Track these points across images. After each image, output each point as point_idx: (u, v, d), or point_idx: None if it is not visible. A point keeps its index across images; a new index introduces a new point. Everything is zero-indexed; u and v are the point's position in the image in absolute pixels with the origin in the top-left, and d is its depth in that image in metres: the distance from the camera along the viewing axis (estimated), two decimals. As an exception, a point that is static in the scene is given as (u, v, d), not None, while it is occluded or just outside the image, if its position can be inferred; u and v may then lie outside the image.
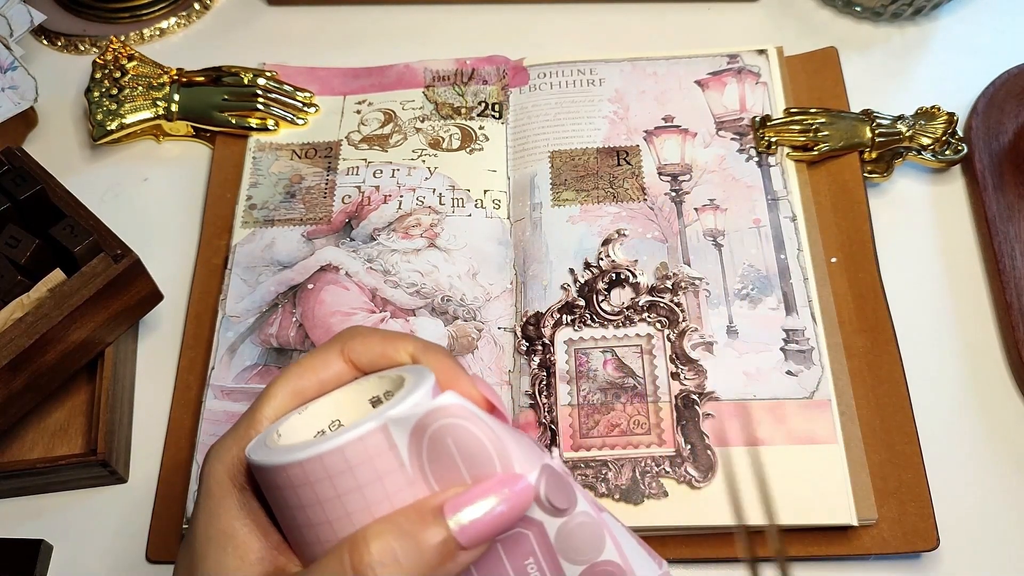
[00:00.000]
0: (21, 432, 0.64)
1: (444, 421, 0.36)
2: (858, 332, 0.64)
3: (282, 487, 0.37)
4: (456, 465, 0.37)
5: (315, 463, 0.36)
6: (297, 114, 0.76)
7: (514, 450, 0.37)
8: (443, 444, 0.37)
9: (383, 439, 0.36)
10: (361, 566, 0.35)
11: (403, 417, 0.36)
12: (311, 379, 0.42)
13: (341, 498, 0.36)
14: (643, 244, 0.67)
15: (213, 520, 0.39)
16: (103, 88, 0.75)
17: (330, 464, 0.36)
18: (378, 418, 0.36)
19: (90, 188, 0.74)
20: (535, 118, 0.75)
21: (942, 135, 0.71)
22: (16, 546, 0.60)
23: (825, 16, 0.82)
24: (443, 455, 0.37)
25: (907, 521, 0.58)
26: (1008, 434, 0.63)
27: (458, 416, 0.37)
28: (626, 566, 0.40)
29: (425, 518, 0.36)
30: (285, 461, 0.37)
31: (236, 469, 0.40)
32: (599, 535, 0.39)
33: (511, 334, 0.65)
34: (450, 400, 0.37)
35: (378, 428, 0.36)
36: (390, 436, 0.36)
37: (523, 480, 0.37)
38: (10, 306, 0.57)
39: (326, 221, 0.71)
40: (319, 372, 0.42)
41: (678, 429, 0.60)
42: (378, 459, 0.36)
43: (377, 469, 0.36)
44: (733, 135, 0.72)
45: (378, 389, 0.42)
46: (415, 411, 0.36)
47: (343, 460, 0.36)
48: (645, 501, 0.58)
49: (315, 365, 0.42)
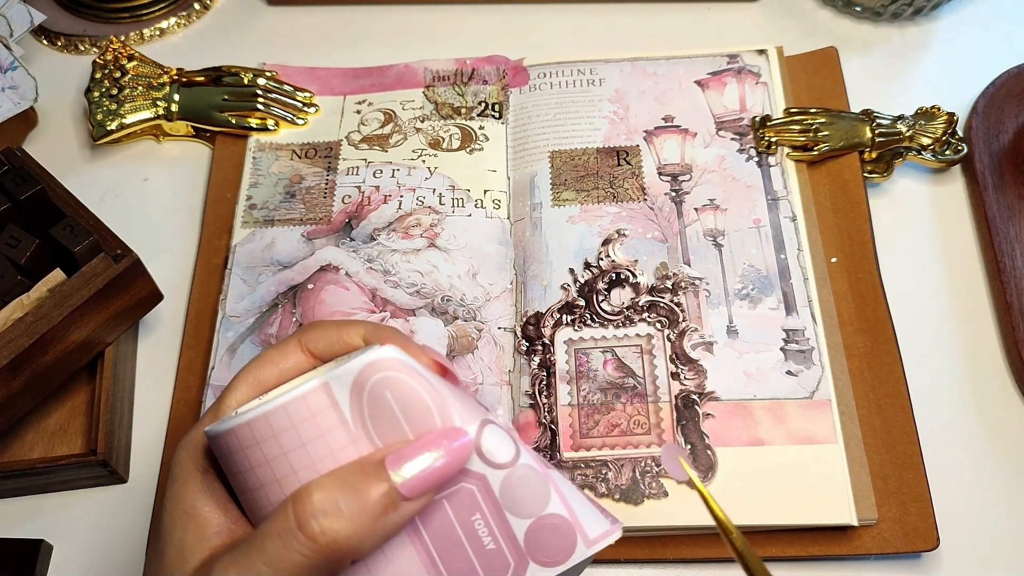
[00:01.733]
0: (21, 432, 0.64)
1: (381, 374, 0.38)
2: (858, 332, 0.64)
3: (234, 451, 0.39)
4: (396, 419, 0.38)
5: (260, 422, 0.38)
6: (297, 114, 0.76)
7: (454, 404, 0.39)
8: (383, 398, 0.38)
9: (324, 396, 0.38)
10: (304, 515, 0.36)
11: (342, 373, 0.38)
12: (271, 370, 0.44)
13: (287, 455, 0.38)
14: (643, 244, 0.67)
15: (176, 502, 0.41)
16: (103, 88, 0.75)
17: (275, 422, 0.38)
18: (319, 377, 0.38)
19: (90, 188, 0.74)
20: (535, 118, 0.75)
21: (942, 135, 0.71)
22: (16, 546, 0.60)
23: (825, 16, 0.82)
24: (383, 410, 0.38)
25: (907, 521, 0.58)
26: (1008, 434, 0.63)
27: (394, 369, 0.38)
28: (573, 519, 0.41)
29: (367, 471, 0.37)
30: (233, 424, 0.38)
31: (198, 452, 0.42)
32: (544, 488, 0.40)
33: (511, 334, 0.65)
34: (386, 353, 0.38)
35: (319, 386, 0.38)
36: (331, 393, 0.38)
37: (463, 433, 0.38)
38: (10, 306, 0.57)
39: (326, 221, 0.71)
40: (279, 363, 0.44)
41: (678, 429, 0.60)
42: (320, 416, 0.38)
43: (320, 426, 0.38)
44: (733, 135, 0.72)
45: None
46: (353, 367, 0.38)
47: (286, 417, 0.38)
48: (645, 501, 0.58)
49: (274, 357, 0.44)
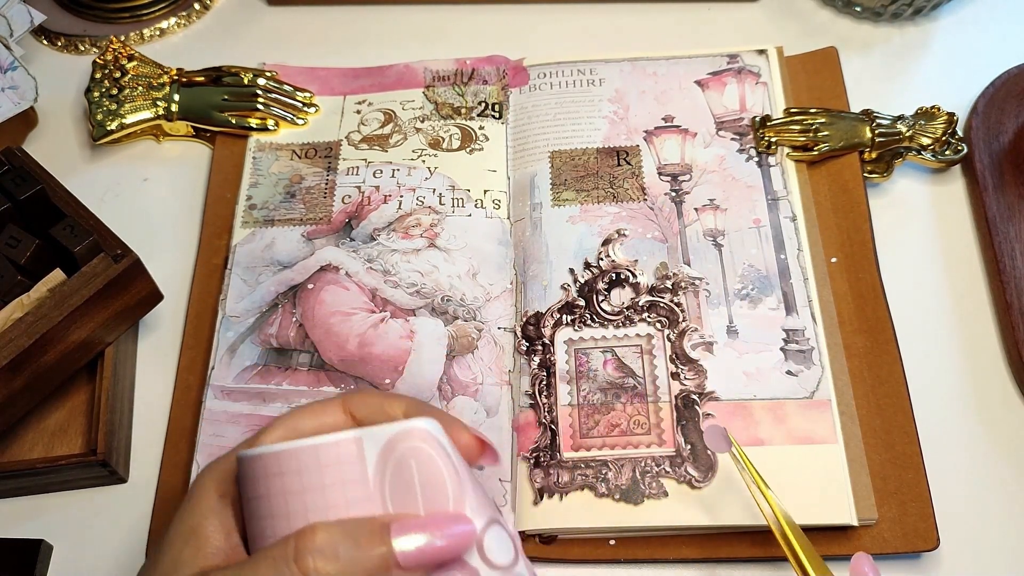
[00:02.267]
0: (21, 432, 0.64)
1: (412, 444, 0.40)
2: (858, 332, 0.64)
3: (257, 476, 0.40)
4: (414, 490, 0.40)
5: (289, 455, 0.40)
6: (297, 114, 0.76)
7: (470, 493, 0.41)
8: (407, 467, 0.40)
9: (354, 449, 0.40)
10: (303, 550, 0.38)
11: (376, 432, 0.40)
12: (311, 421, 0.45)
13: (304, 493, 0.39)
14: (643, 244, 0.68)
15: (185, 517, 0.43)
16: (103, 88, 0.75)
17: (303, 459, 0.40)
18: (354, 431, 0.40)
19: (90, 188, 0.74)
20: (535, 118, 0.75)
21: (942, 135, 0.71)
22: (16, 546, 0.60)
23: (825, 16, 0.82)
24: (405, 478, 0.40)
25: (907, 521, 0.58)
26: (1008, 434, 0.63)
27: (426, 442, 0.40)
28: None
29: (372, 530, 0.39)
30: (263, 451, 0.40)
31: (221, 478, 0.44)
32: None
33: (511, 334, 0.65)
34: (423, 425, 0.41)
35: (352, 439, 0.40)
36: (362, 448, 0.40)
37: (469, 524, 0.40)
38: (10, 306, 0.57)
39: (326, 221, 0.71)
40: (319, 416, 0.45)
41: (678, 429, 0.60)
42: (346, 466, 0.40)
43: (343, 475, 0.40)
44: (733, 135, 0.72)
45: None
46: (389, 429, 0.40)
47: (315, 458, 0.40)
48: (645, 501, 0.58)
49: (316, 409, 0.46)
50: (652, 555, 0.58)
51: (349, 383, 0.63)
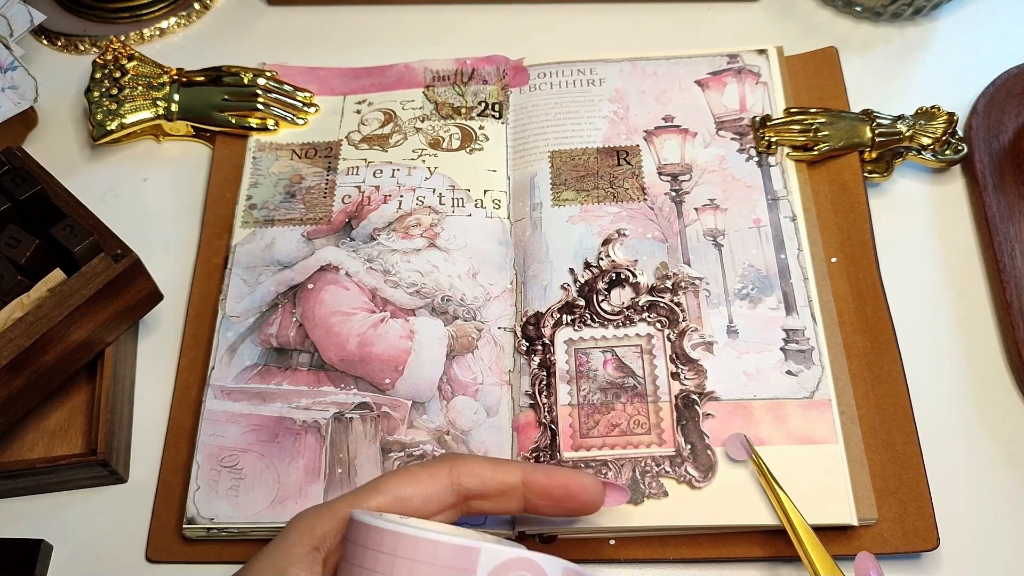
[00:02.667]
0: (21, 432, 0.64)
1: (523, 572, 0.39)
2: (858, 332, 0.64)
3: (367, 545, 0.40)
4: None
5: (408, 541, 0.39)
6: (297, 114, 0.76)
7: None
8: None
9: (471, 558, 0.39)
10: None
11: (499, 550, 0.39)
12: (415, 489, 0.46)
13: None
14: (643, 244, 0.67)
15: (274, 558, 0.43)
16: (103, 88, 0.75)
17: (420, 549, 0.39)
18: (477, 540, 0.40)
19: (90, 188, 0.74)
20: (535, 118, 0.75)
21: (942, 135, 0.71)
22: (16, 546, 0.60)
23: (825, 16, 0.82)
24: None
25: (907, 521, 0.58)
26: (1008, 434, 0.63)
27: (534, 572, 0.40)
28: None
29: None
30: (383, 526, 0.40)
31: (318, 531, 0.44)
32: None
33: (511, 334, 0.65)
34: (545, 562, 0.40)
35: (473, 547, 0.39)
36: (478, 560, 0.39)
37: None
38: (10, 306, 0.57)
39: (326, 221, 0.71)
40: (425, 485, 0.46)
41: (678, 429, 0.60)
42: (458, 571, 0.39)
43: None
44: (733, 135, 0.72)
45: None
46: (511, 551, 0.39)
47: (432, 553, 0.39)
48: (645, 501, 0.58)
49: (422, 477, 0.47)
50: (652, 555, 0.59)
51: (349, 383, 0.63)
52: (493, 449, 0.61)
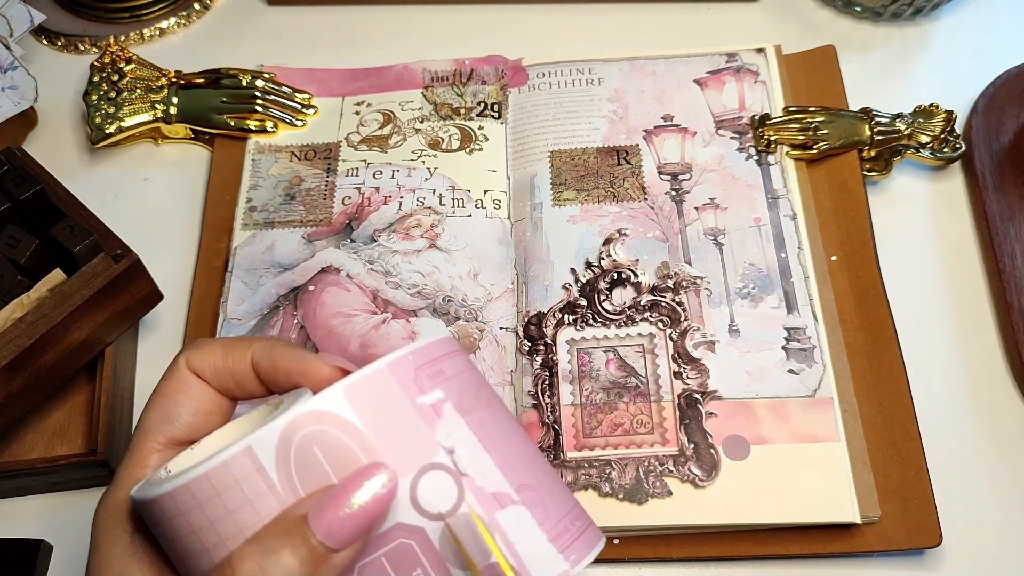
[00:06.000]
0: (21, 432, 0.64)
1: (307, 430, 0.36)
2: (859, 330, 0.64)
3: (160, 520, 0.37)
4: (327, 475, 0.36)
5: (183, 492, 0.36)
6: (296, 116, 0.76)
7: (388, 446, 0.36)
8: (311, 455, 0.36)
9: (248, 461, 0.35)
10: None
11: (265, 435, 0.35)
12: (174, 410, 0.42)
13: (214, 525, 0.36)
14: (644, 243, 0.67)
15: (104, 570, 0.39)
16: (101, 91, 0.75)
17: (198, 491, 0.35)
18: (241, 441, 0.35)
19: (90, 188, 0.74)
20: (534, 118, 0.75)
21: (940, 133, 0.72)
22: (16, 546, 0.59)
23: (825, 16, 0.82)
24: (313, 467, 0.36)
25: (910, 518, 0.58)
26: (1008, 432, 0.63)
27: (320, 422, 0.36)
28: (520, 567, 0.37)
29: (290, 530, 0.35)
30: (156, 493, 0.36)
31: (122, 514, 0.40)
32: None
33: (513, 334, 0.65)
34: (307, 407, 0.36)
35: (242, 451, 0.35)
36: (255, 457, 0.35)
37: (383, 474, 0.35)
38: (10, 306, 0.56)
39: (326, 223, 0.70)
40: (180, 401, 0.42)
41: (681, 428, 0.60)
42: (245, 482, 0.35)
43: (246, 492, 0.35)
44: (732, 134, 0.72)
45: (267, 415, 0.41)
46: (276, 427, 0.35)
47: (209, 486, 0.35)
48: (649, 500, 0.58)
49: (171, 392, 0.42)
50: (656, 554, 0.58)
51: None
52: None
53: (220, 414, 0.43)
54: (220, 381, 0.42)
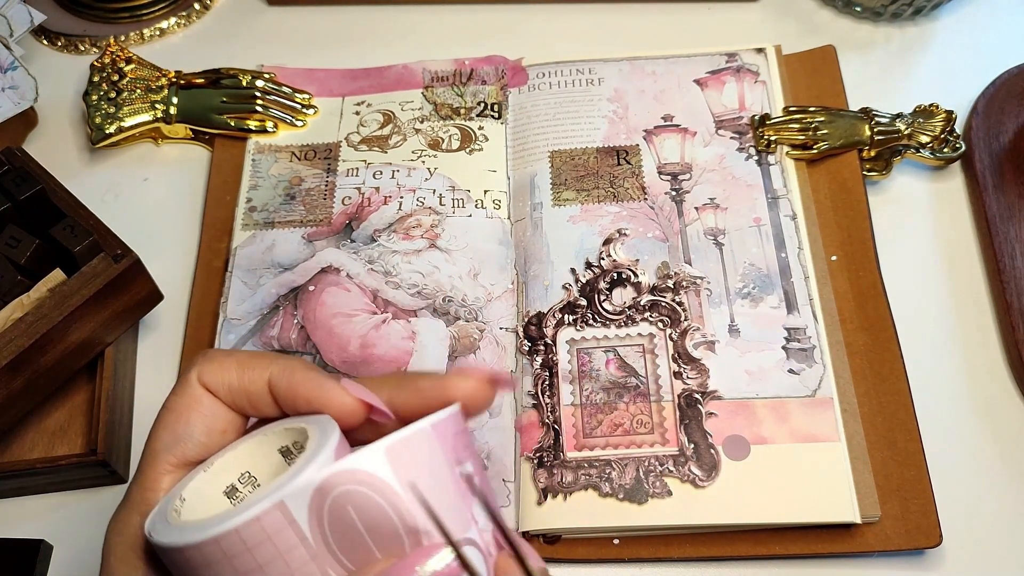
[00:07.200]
0: (21, 432, 0.64)
1: (342, 489, 0.34)
2: (859, 330, 0.64)
3: (181, 567, 0.36)
4: (360, 535, 0.35)
5: (211, 545, 0.34)
6: (296, 116, 0.76)
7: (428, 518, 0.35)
8: (344, 513, 0.34)
9: (280, 516, 0.34)
10: None
11: (299, 490, 0.34)
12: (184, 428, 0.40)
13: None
14: (644, 243, 0.67)
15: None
16: (101, 91, 0.75)
17: (227, 546, 0.34)
18: (273, 495, 0.34)
19: (90, 189, 0.74)
20: (534, 118, 0.75)
21: (940, 133, 0.72)
22: (16, 546, 0.59)
23: (825, 16, 0.82)
24: (346, 526, 0.35)
25: (910, 518, 0.58)
26: (1008, 432, 0.63)
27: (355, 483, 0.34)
28: None
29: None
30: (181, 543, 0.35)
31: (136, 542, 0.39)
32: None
33: (513, 334, 0.65)
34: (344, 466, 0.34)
35: (274, 506, 0.34)
36: (288, 512, 0.34)
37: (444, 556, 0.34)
38: (10, 306, 0.56)
39: (326, 223, 0.70)
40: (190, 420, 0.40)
41: (681, 428, 0.60)
42: (277, 537, 0.34)
43: (277, 547, 0.34)
44: (732, 134, 0.72)
45: (286, 439, 0.40)
46: (311, 482, 0.34)
47: (240, 541, 0.34)
48: (649, 500, 0.58)
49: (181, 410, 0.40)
50: (656, 554, 0.58)
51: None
52: (497, 450, 0.61)
53: (233, 432, 0.41)
54: (234, 399, 0.40)
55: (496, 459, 0.60)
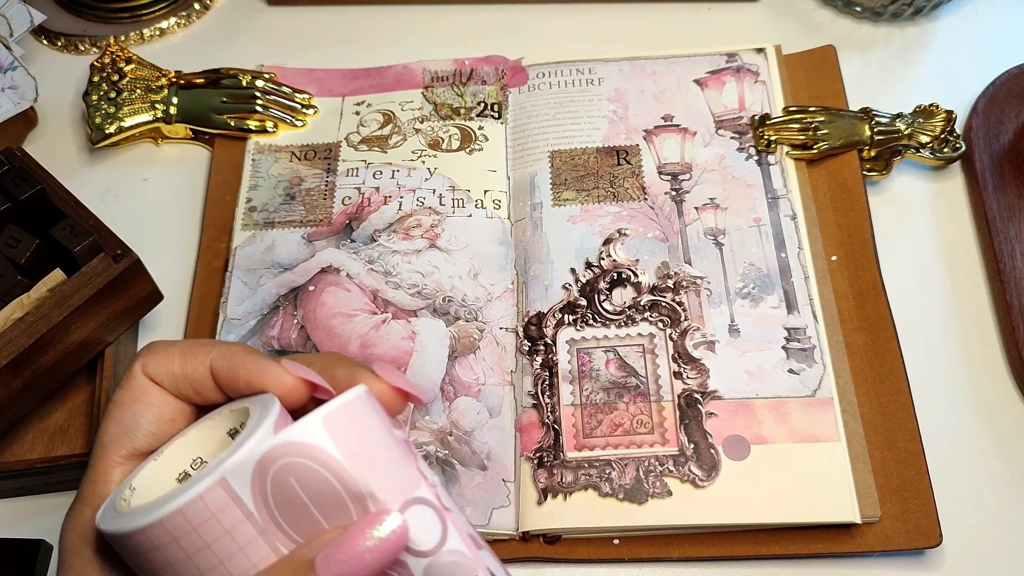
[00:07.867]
0: (21, 432, 0.63)
1: (282, 462, 0.34)
2: (859, 330, 0.64)
3: (133, 553, 0.36)
4: (306, 507, 0.35)
5: (157, 528, 0.34)
6: (296, 116, 0.76)
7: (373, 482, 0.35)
8: (287, 485, 0.34)
9: (223, 493, 0.34)
10: None
11: (239, 465, 0.34)
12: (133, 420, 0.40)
13: (192, 558, 0.35)
14: (644, 243, 0.67)
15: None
16: (101, 91, 0.75)
17: (172, 527, 0.34)
18: (214, 472, 0.34)
19: (90, 188, 0.74)
20: (534, 118, 0.75)
21: (940, 133, 0.72)
22: (16, 546, 0.59)
23: (825, 16, 0.82)
24: (290, 498, 0.35)
25: (910, 518, 0.58)
26: (1008, 432, 0.63)
27: (295, 455, 0.34)
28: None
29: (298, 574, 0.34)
30: (128, 528, 0.35)
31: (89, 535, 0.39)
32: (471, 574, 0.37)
33: (513, 334, 0.65)
34: (284, 438, 0.34)
35: (216, 483, 0.34)
36: (231, 488, 0.34)
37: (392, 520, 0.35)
38: (10, 306, 0.56)
39: (326, 223, 0.70)
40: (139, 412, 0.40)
41: (681, 428, 0.60)
42: (221, 514, 0.34)
43: (223, 524, 0.34)
44: (732, 134, 0.72)
45: (233, 420, 0.40)
46: (251, 456, 0.34)
47: (185, 521, 0.34)
48: (649, 500, 0.58)
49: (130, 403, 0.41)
50: (656, 554, 0.58)
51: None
52: (497, 450, 0.61)
53: (183, 419, 0.42)
54: (179, 388, 0.41)
55: (496, 459, 0.61)
